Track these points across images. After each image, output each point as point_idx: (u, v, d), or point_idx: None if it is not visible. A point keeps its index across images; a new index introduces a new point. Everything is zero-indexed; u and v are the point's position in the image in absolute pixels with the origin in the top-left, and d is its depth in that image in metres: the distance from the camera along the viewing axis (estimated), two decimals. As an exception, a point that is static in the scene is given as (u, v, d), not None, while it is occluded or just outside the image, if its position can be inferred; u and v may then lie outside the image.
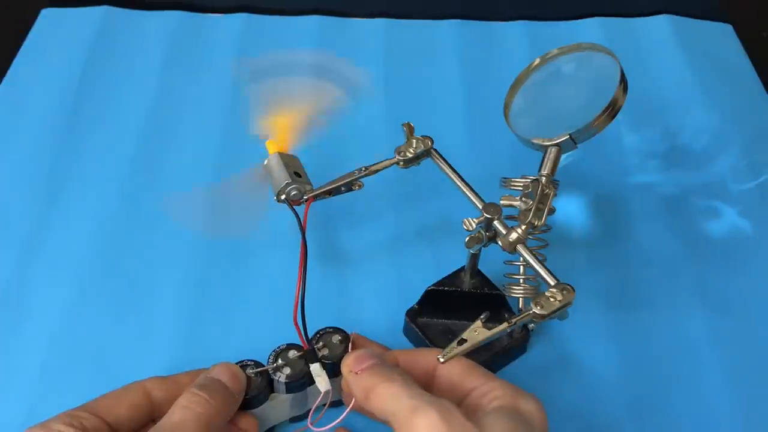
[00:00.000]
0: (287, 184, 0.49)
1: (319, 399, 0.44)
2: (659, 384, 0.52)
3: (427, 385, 0.43)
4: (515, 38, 0.79)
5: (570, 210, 0.63)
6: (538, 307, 0.42)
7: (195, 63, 0.74)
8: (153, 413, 0.42)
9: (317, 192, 0.50)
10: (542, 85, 0.53)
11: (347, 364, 0.43)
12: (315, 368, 0.45)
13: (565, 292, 0.42)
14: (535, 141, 0.50)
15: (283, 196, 0.50)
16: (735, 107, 0.72)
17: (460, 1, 0.83)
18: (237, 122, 0.68)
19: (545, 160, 0.49)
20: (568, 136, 0.48)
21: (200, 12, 0.79)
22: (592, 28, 0.80)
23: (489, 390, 0.40)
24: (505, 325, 0.42)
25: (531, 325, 0.51)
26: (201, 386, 0.41)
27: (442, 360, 0.42)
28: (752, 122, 0.71)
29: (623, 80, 0.48)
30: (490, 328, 0.43)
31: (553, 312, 0.42)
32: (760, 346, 0.55)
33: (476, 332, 0.43)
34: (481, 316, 0.43)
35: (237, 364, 0.44)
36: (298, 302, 0.45)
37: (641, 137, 0.69)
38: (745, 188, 0.65)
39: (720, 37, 0.80)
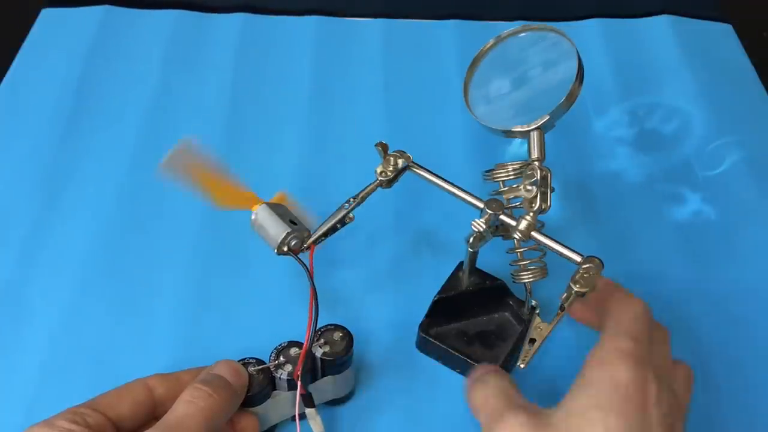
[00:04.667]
0: (288, 234, 0.47)
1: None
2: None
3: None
4: (515, 38, 0.79)
5: (566, 209, 0.63)
6: (578, 286, 0.42)
7: (195, 62, 0.74)
8: (155, 410, 0.42)
9: (316, 237, 0.48)
10: (502, 74, 0.52)
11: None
12: (310, 413, 0.45)
13: (594, 264, 0.42)
14: (515, 129, 0.49)
15: (285, 248, 0.48)
16: (735, 107, 0.72)
17: (460, 1, 0.83)
18: (237, 121, 0.68)
19: (532, 145, 0.48)
20: (548, 117, 0.48)
21: (200, 11, 0.79)
22: (592, 29, 0.80)
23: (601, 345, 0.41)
24: (561, 313, 0.44)
25: (534, 301, 0.51)
26: (204, 381, 0.41)
27: (522, 366, 0.45)
28: (753, 123, 0.71)
29: (579, 63, 0.48)
30: (548, 321, 0.46)
31: (593, 285, 0.42)
32: (718, 330, 0.56)
33: (540, 329, 0.47)
34: (535, 310, 0.47)
35: (239, 361, 0.44)
36: (305, 351, 0.44)
37: (642, 137, 0.69)
38: (747, 190, 0.65)
39: (720, 37, 0.80)
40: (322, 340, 0.46)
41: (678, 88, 0.73)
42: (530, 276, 0.47)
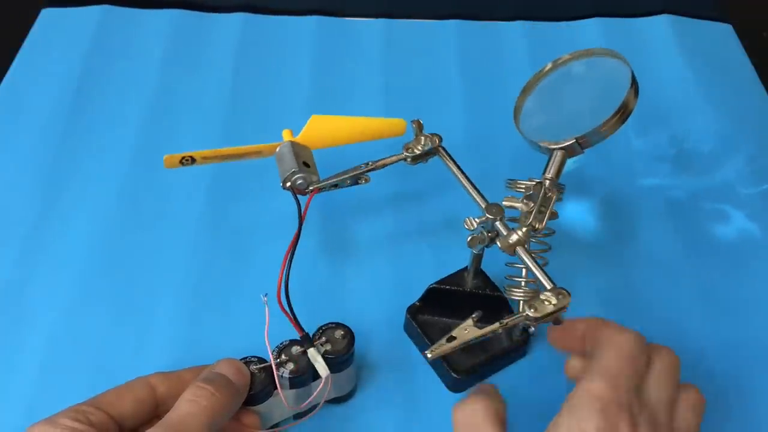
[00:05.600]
0: (294, 172, 0.49)
1: (320, 386, 0.44)
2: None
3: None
4: (515, 38, 0.79)
5: (577, 213, 0.63)
6: (532, 310, 0.41)
7: (195, 62, 0.74)
8: (157, 408, 0.42)
9: (323, 183, 0.50)
10: (552, 89, 0.53)
11: None
12: (311, 353, 0.45)
13: (560, 296, 0.42)
14: (542, 144, 0.50)
15: (288, 184, 0.50)
16: (735, 108, 0.72)
17: (460, 1, 0.83)
18: (237, 121, 0.68)
19: (550, 163, 0.49)
20: (574, 140, 0.49)
21: (200, 11, 0.79)
22: (592, 28, 0.80)
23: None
24: (496, 325, 0.42)
25: (532, 329, 0.50)
26: (206, 380, 0.41)
27: (429, 356, 0.42)
28: (753, 123, 0.71)
29: (634, 84, 0.48)
30: (481, 328, 0.43)
31: (546, 316, 0.42)
32: (764, 349, 0.55)
33: (466, 330, 0.43)
34: (473, 315, 0.43)
35: (241, 360, 0.44)
36: (281, 285, 0.45)
37: (644, 140, 0.69)
38: (749, 191, 0.65)
39: (720, 37, 0.80)
40: (323, 338, 0.46)
41: (677, 89, 0.73)
42: (521, 294, 0.46)
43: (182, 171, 0.63)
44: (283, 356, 0.45)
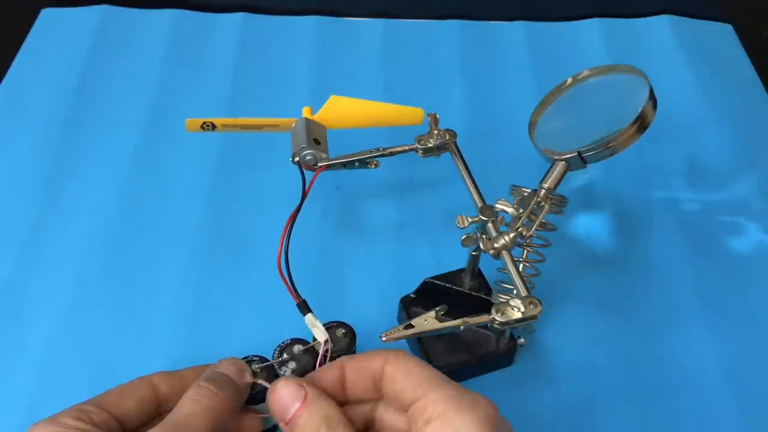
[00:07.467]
0: (302, 148, 0.51)
1: (321, 351, 0.44)
2: (660, 406, 0.51)
3: (376, 388, 0.40)
4: (515, 38, 0.79)
5: (587, 224, 0.62)
6: (499, 314, 0.41)
7: (195, 62, 0.74)
8: (159, 408, 0.42)
9: (331, 162, 0.51)
10: (568, 102, 0.53)
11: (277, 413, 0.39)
12: (309, 318, 0.44)
13: (531, 306, 0.42)
14: (545, 152, 0.50)
15: (296, 159, 0.51)
16: (735, 108, 0.72)
17: (460, 1, 0.83)
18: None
19: (549, 173, 0.50)
20: (575, 153, 0.49)
21: (200, 11, 0.79)
22: (592, 29, 0.80)
23: (426, 405, 0.36)
24: (458, 322, 0.42)
25: (521, 340, 0.50)
26: (208, 379, 0.40)
27: (384, 339, 0.42)
28: (753, 123, 0.71)
29: (653, 98, 0.48)
30: (442, 321, 0.42)
31: (512, 322, 0.41)
32: None
33: (426, 321, 0.43)
34: (437, 308, 0.43)
35: (242, 359, 0.44)
36: (281, 252, 0.46)
37: (642, 141, 0.69)
38: (746, 191, 0.65)
39: (720, 37, 0.80)
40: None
41: (677, 89, 0.73)
42: (504, 300, 0.45)
43: (182, 170, 0.64)
44: (285, 355, 0.45)
